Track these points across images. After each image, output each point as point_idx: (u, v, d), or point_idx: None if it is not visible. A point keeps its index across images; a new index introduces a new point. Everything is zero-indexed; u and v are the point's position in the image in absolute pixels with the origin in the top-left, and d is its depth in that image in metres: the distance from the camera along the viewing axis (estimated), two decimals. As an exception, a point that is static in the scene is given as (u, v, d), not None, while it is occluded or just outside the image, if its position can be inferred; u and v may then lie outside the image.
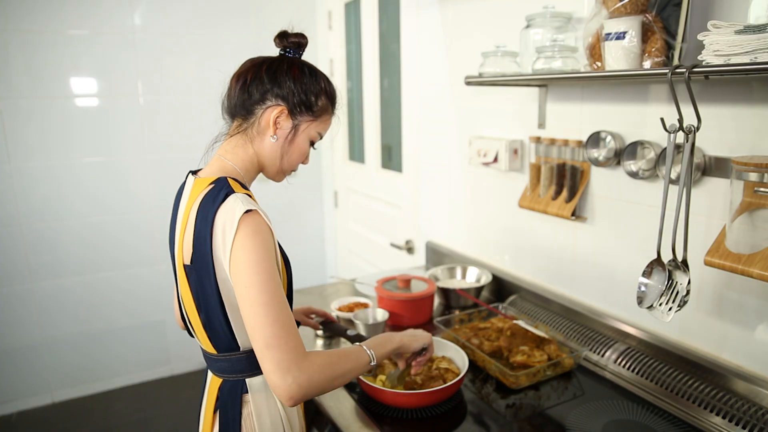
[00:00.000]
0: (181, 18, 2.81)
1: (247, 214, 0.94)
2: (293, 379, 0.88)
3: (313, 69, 1.11)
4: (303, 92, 1.07)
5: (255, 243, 0.94)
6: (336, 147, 3.23)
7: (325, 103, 1.12)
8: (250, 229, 0.94)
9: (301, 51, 1.12)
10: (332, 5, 3.01)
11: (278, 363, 0.88)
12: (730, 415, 1.12)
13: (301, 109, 1.08)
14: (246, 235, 0.94)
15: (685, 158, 1.02)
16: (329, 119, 1.15)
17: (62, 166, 2.70)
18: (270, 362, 0.89)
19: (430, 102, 2.18)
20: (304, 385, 0.89)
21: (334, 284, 2.07)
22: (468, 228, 2.06)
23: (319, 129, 1.13)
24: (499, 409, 1.25)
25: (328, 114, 1.13)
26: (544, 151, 1.60)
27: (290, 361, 0.89)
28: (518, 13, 1.60)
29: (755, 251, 1.00)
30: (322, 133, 1.15)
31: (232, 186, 1.00)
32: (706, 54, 0.95)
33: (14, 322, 2.73)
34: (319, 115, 1.11)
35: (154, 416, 2.76)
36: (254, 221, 0.95)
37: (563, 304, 1.60)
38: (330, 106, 1.13)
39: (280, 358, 0.88)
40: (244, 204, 0.95)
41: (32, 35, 2.55)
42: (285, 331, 0.90)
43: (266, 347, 0.89)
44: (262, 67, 1.07)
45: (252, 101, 1.07)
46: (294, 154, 1.12)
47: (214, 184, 1.01)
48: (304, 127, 1.10)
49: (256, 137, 1.08)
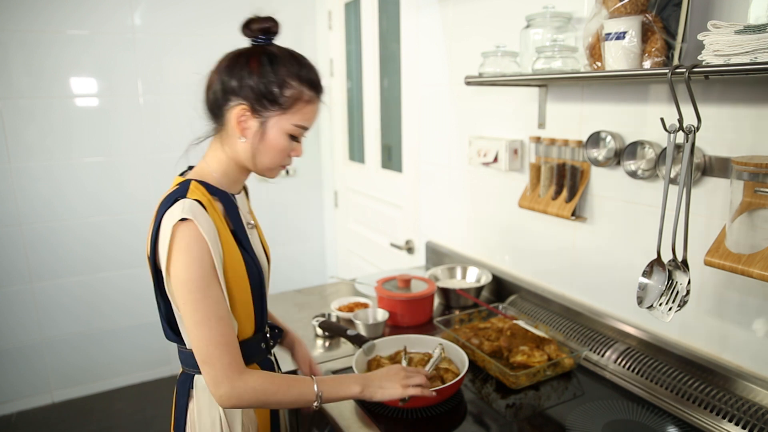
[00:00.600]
0: (181, 18, 2.81)
1: (180, 223, 0.94)
2: (224, 392, 0.95)
3: (275, 56, 1.00)
4: (263, 84, 0.98)
5: (187, 259, 0.94)
6: (336, 147, 3.23)
7: (297, 92, 1.01)
8: (183, 242, 0.94)
9: (270, 37, 1.04)
10: (332, 5, 3.00)
11: (212, 378, 0.95)
12: (730, 415, 1.12)
13: (264, 104, 0.99)
14: (179, 249, 0.94)
15: (685, 158, 1.02)
16: (306, 107, 1.03)
17: (62, 166, 2.71)
18: (206, 375, 0.96)
19: (430, 102, 2.18)
20: (233, 400, 0.96)
21: (334, 284, 2.07)
22: (468, 228, 2.06)
23: (294, 121, 1.02)
24: (499, 409, 1.25)
25: (302, 102, 1.02)
26: (544, 151, 1.60)
27: (223, 378, 0.95)
28: (518, 13, 1.60)
29: (755, 251, 1.00)
30: (303, 124, 1.04)
31: (191, 190, 0.99)
32: (706, 54, 0.95)
33: (14, 322, 2.73)
34: (290, 105, 1.01)
35: (154, 416, 2.76)
36: (186, 232, 0.94)
37: (563, 304, 1.60)
38: (306, 92, 1.02)
39: (214, 375, 0.95)
40: (183, 212, 0.94)
41: (32, 35, 2.55)
42: (219, 350, 0.95)
43: (202, 363, 0.95)
44: (222, 64, 1.03)
45: (217, 103, 1.03)
46: (269, 152, 1.03)
47: (179, 186, 1.02)
48: (274, 123, 1.01)
49: (228, 139, 1.05)
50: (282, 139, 1.03)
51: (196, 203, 0.97)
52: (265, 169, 1.07)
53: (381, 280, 1.77)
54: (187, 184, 1.01)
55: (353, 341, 1.46)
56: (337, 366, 1.43)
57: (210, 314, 0.95)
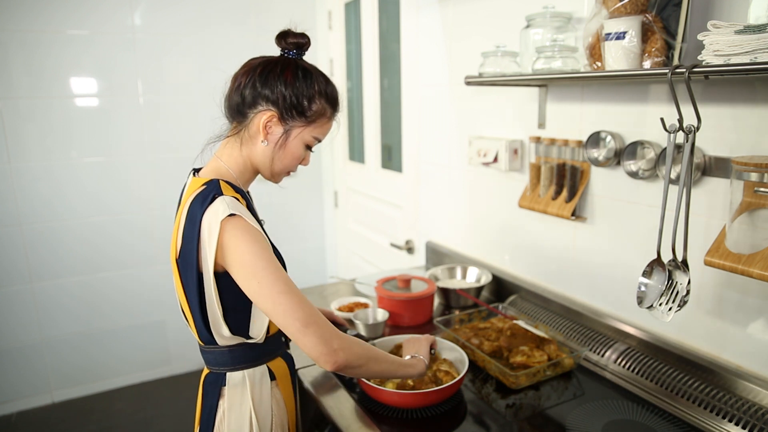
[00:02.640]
0: (181, 18, 2.81)
1: (229, 218, 0.97)
2: (338, 345, 0.97)
3: (308, 72, 1.08)
4: (295, 96, 1.05)
5: (246, 240, 0.96)
6: (336, 147, 3.23)
7: (322, 107, 1.09)
8: (239, 231, 0.97)
9: (302, 52, 1.10)
10: (332, 5, 3.01)
11: (321, 335, 0.96)
12: (730, 415, 1.12)
13: (292, 114, 1.06)
14: (237, 237, 0.96)
15: (685, 158, 1.02)
16: (327, 123, 1.12)
17: (62, 165, 2.71)
18: (313, 336, 0.95)
19: (430, 102, 2.18)
20: (345, 353, 0.98)
21: (334, 284, 2.07)
22: (468, 228, 2.06)
23: (314, 134, 1.10)
24: (499, 409, 1.25)
25: (325, 118, 1.10)
26: (544, 151, 1.60)
27: (331, 333, 0.97)
28: (518, 13, 1.60)
29: (755, 251, 1.00)
30: (320, 138, 1.12)
31: (222, 188, 1.01)
32: (706, 54, 0.95)
33: (14, 322, 2.73)
34: (314, 119, 1.09)
35: (154, 416, 2.77)
36: (238, 224, 0.97)
37: (563, 304, 1.60)
38: (328, 109, 1.10)
39: (321, 332, 0.96)
40: (229, 207, 0.97)
41: (32, 35, 2.55)
42: (315, 312, 0.98)
43: (305, 326, 0.95)
44: (256, 70, 1.06)
45: (245, 105, 1.07)
46: (286, 158, 1.10)
47: (206, 185, 1.03)
48: (297, 132, 1.08)
49: (248, 141, 1.09)
50: (300, 148, 1.10)
51: (235, 200, 1.00)
52: (277, 173, 1.13)
53: (381, 280, 1.77)
54: (217, 182, 1.03)
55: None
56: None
57: (290, 283, 0.98)
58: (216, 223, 0.96)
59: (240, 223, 0.97)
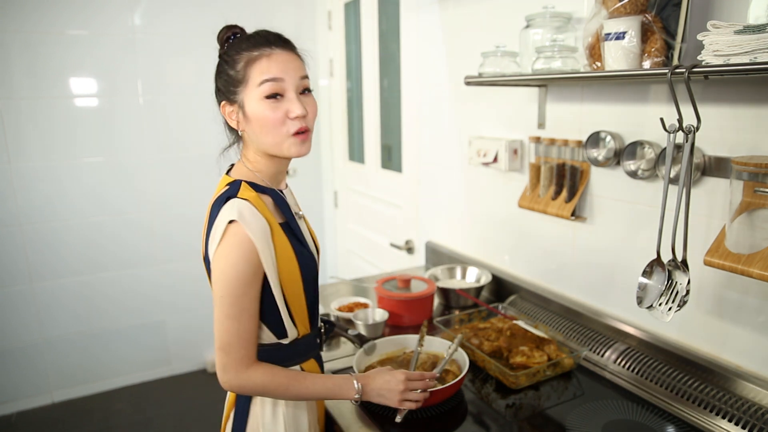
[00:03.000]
0: (181, 18, 2.81)
1: (230, 224, 0.98)
2: (228, 379, 1.02)
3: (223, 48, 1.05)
4: (224, 75, 1.03)
5: (234, 257, 0.98)
6: (336, 147, 3.23)
7: (245, 59, 1.00)
8: (234, 240, 0.98)
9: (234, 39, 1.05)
10: (332, 5, 3.01)
11: (222, 364, 1.01)
12: (730, 415, 1.12)
13: (231, 90, 1.02)
14: (227, 246, 0.98)
15: (685, 158, 1.02)
16: (260, 63, 0.99)
17: (62, 165, 2.71)
18: (217, 359, 1.02)
19: (430, 102, 2.18)
20: (234, 389, 1.04)
21: (334, 284, 2.07)
22: (468, 228, 2.06)
23: (256, 81, 0.99)
24: (499, 409, 1.25)
25: (253, 62, 0.99)
26: (544, 151, 1.60)
27: (231, 367, 1.01)
28: (518, 13, 1.60)
29: (755, 251, 1.00)
30: (265, 78, 0.99)
31: (241, 190, 1.02)
32: (706, 54, 0.95)
33: (15, 322, 2.73)
34: (246, 74, 1.00)
35: (154, 416, 2.76)
36: (234, 232, 0.98)
37: (563, 304, 1.60)
38: (253, 53, 1.00)
39: (225, 362, 1.01)
40: (232, 213, 0.98)
41: (34, 36, 2.55)
42: (238, 344, 1.01)
43: (219, 348, 1.01)
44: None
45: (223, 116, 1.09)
46: (263, 126, 1.01)
47: (229, 186, 1.04)
48: (245, 98, 1.01)
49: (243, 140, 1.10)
50: (260, 106, 0.99)
51: (244, 202, 1.00)
52: (275, 145, 1.03)
53: (381, 280, 1.77)
54: (238, 184, 1.04)
55: (353, 341, 1.46)
56: (337, 366, 1.43)
57: (244, 310, 1.00)
58: (221, 226, 0.98)
59: (235, 231, 0.97)
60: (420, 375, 1.17)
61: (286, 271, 1.04)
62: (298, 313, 1.09)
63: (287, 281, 1.05)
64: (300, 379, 1.06)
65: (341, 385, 1.09)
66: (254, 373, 1.02)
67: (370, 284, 1.98)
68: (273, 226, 1.03)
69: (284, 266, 1.03)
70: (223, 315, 0.99)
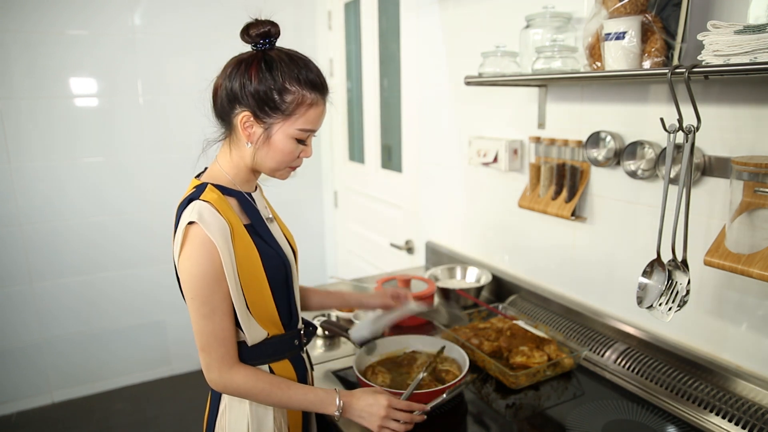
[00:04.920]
0: (181, 18, 2.81)
1: (189, 226, 0.98)
2: (212, 378, 1.04)
3: (273, 62, 1.00)
4: (263, 92, 0.99)
5: (196, 257, 0.98)
6: (336, 147, 3.23)
7: (298, 96, 1.00)
8: (196, 241, 0.98)
9: (271, 40, 1.03)
10: (332, 5, 3.01)
11: (206, 364, 1.03)
12: (730, 415, 1.12)
13: (266, 111, 1.00)
14: (192, 246, 0.98)
15: (685, 158, 1.02)
16: (311, 111, 1.02)
17: (62, 165, 2.71)
18: (201, 360, 1.04)
19: (430, 102, 2.18)
20: (219, 387, 1.05)
21: (334, 284, 2.07)
22: (468, 228, 2.06)
23: (298, 126, 1.01)
24: (499, 409, 1.25)
25: (305, 106, 1.01)
26: (544, 151, 1.60)
27: (214, 366, 1.03)
28: (518, 13, 1.60)
29: (755, 251, 1.00)
30: (307, 128, 1.02)
31: (205, 192, 1.03)
32: (706, 54, 0.95)
33: (15, 322, 2.73)
34: (293, 110, 1.00)
35: (154, 416, 2.76)
36: (194, 233, 0.98)
37: (563, 304, 1.60)
38: (308, 96, 1.00)
39: (208, 362, 1.03)
40: (192, 215, 0.98)
41: (34, 36, 2.55)
42: (217, 342, 1.02)
43: (200, 349, 1.03)
44: (227, 72, 1.04)
45: (224, 109, 1.05)
46: (276, 156, 1.04)
47: (195, 188, 1.04)
48: (278, 128, 1.01)
49: (237, 143, 1.06)
50: (287, 143, 1.03)
51: (205, 204, 1.00)
52: (272, 170, 1.08)
53: (381, 280, 1.77)
54: (204, 187, 1.04)
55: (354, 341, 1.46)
56: (337, 366, 1.43)
57: (216, 309, 1.00)
58: (182, 228, 0.99)
59: (196, 233, 0.97)
60: (407, 405, 1.11)
61: (247, 272, 1.03)
62: (263, 314, 1.07)
63: (249, 282, 1.03)
64: (283, 387, 1.06)
65: (323, 400, 1.08)
66: (237, 374, 1.04)
67: (370, 284, 1.99)
68: (235, 226, 1.02)
69: (246, 267, 1.03)
70: (197, 316, 1.00)
